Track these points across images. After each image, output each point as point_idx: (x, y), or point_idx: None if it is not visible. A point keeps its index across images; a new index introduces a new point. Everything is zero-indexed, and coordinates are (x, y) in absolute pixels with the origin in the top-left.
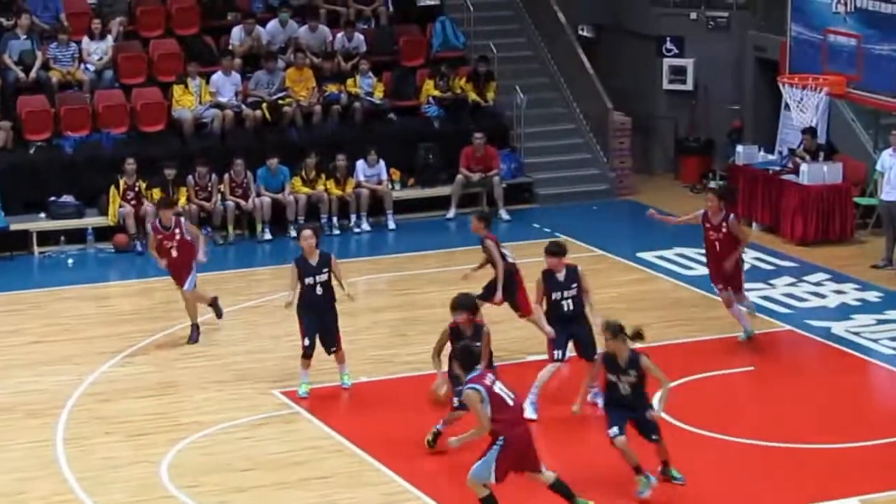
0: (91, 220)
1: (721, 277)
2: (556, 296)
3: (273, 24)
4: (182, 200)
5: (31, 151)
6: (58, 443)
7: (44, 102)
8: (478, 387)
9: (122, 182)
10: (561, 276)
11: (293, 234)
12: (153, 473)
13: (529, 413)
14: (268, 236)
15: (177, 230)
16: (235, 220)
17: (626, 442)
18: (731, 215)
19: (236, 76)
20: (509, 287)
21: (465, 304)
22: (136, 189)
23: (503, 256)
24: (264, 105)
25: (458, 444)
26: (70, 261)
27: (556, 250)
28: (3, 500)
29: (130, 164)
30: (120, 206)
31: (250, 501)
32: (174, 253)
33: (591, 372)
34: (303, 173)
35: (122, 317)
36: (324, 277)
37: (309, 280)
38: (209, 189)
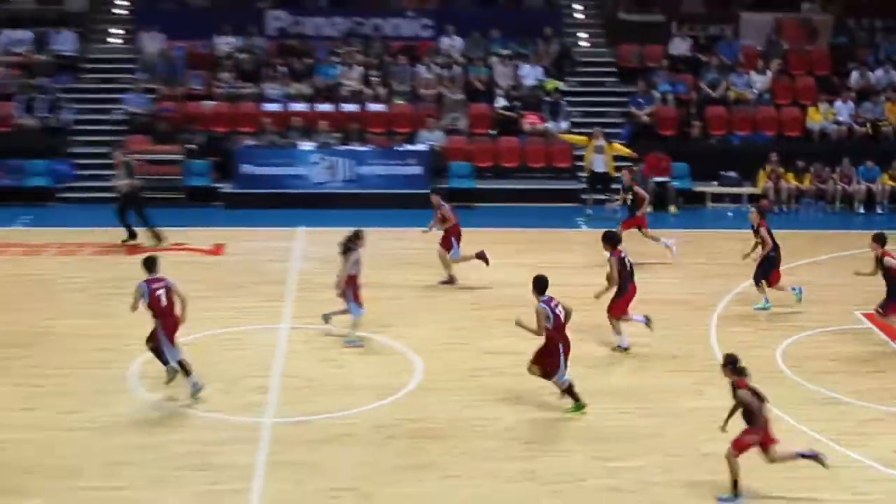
0: (746, 189)
1: None
2: None
3: (879, 71)
4: (806, 182)
5: (712, 142)
6: (712, 329)
7: (723, 111)
8: (543, 306)
9: (768, 167)
10: None
11: (879, 210)
12: (771, 357)
13: None
14: (861, 210)
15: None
16: (841, 198)
17: None
18: None
19: (851, 104)
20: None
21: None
22: (777, 171)
23: None
24: (868, 125)
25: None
26: (730, 214)
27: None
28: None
29: (774, 156)
30: (766, 182)
31: (830, 382)
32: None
33: None
34: (890, 171)
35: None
36: None
37: None
38: (823, 177)
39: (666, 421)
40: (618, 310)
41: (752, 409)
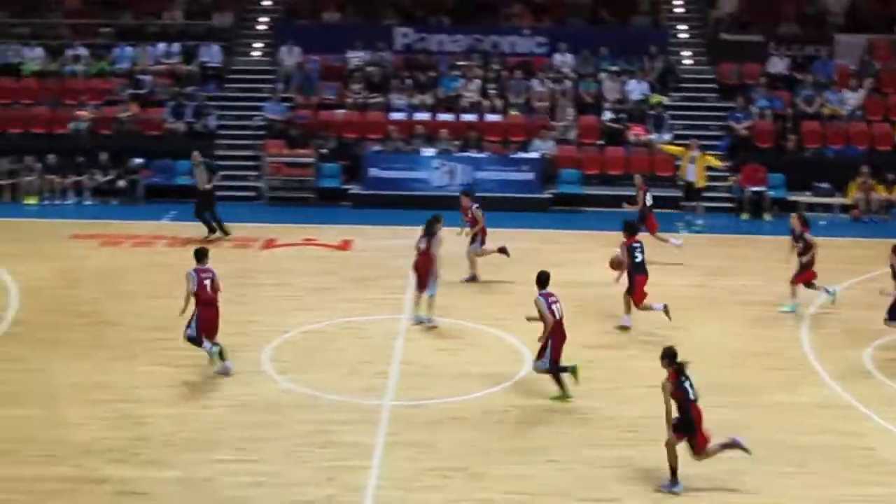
0: (837, 200)
1: None
2: None
3: None
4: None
5: (807, 154)
6: (804, 329)
7: (817, 126)
8: (541, 298)
9: (859, 179)
10: None
11: None
12: (859, 358)
13: None
14: None
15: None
16: None
17: None
18: None
19: None
20: None
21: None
22: (868, 183)
23: None
24: None
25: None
26: (822, 223)
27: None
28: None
29: (865, 169)
30: (857, 193)
31: None
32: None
33: None
34: None
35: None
36: None
37: None
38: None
39: (757, 413)
40: (639, 298)
41: (676, 399)
